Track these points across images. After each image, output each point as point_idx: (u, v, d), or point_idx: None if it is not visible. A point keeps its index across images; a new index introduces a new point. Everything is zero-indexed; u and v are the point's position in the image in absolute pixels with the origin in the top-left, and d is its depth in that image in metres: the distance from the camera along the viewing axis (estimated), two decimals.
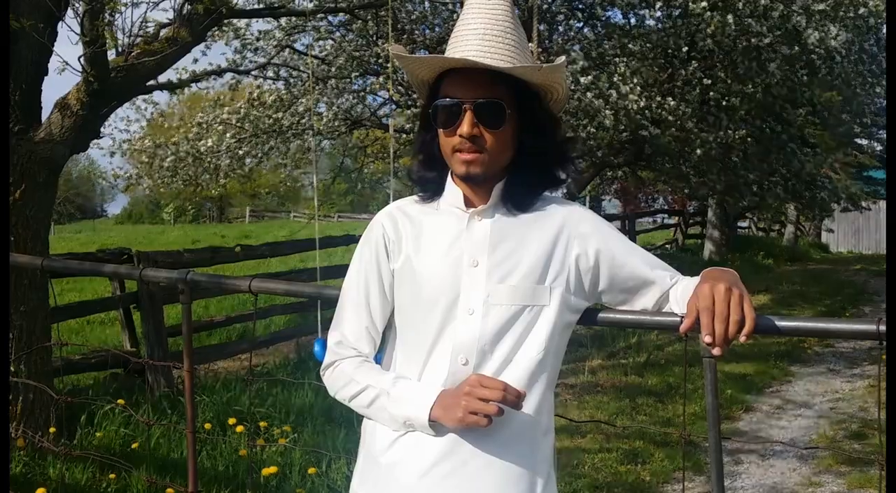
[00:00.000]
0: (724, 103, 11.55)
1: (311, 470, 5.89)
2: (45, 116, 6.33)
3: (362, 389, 2.26)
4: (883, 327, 2.04)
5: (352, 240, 11.40)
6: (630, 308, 2.34)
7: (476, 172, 2.18)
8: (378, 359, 2.38)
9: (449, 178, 2.31)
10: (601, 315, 2.36)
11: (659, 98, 10.64)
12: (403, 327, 2.31)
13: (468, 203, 2.27)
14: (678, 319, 2.17)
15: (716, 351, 1.98)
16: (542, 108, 2.29)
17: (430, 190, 2.35)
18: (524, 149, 2.24)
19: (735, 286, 2.00)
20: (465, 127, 2.14)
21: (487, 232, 2.23)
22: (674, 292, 2.25)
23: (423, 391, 2.15)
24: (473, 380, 2.06)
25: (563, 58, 2.29)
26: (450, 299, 2.19)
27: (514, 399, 2.04)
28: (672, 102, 10.69)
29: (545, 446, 2.26)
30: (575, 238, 2.24)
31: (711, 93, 11.44)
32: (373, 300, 2.34)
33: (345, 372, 2.32)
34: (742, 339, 1.97)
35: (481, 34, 2.17)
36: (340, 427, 6.89)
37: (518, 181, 2.26)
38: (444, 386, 2.15)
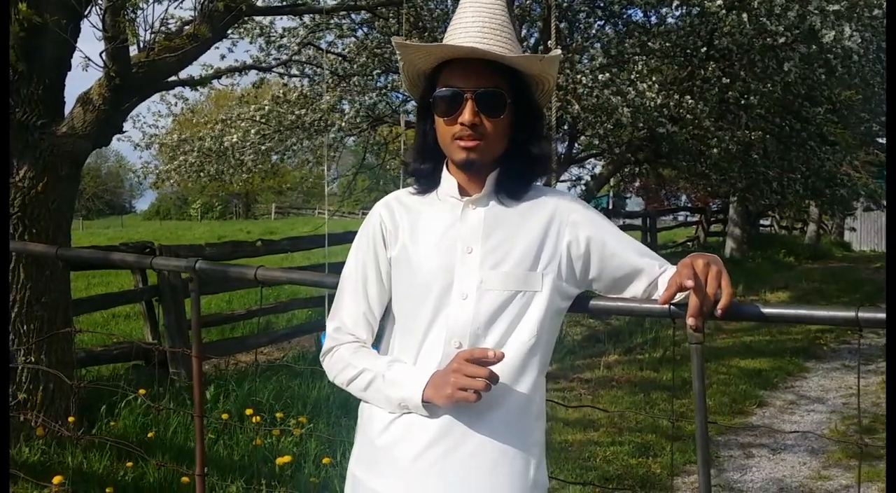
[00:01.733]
0: (742, 102, 11.57)
1: (326, 460, 5.98)
2: (67, 110, 6.44)
3: (359, 372, 2.33)
4: (862, 314, 2.10)
5: None
6: (620, 296, 2.39)
7: (475, 158, 2.24)
8: (376, 347, 2.45)
9: (444, 168, 2.38)
10: (592, 303, 2.41)
11: (677, 96, 10.68)
12: (400, 314, 2.38)
13: (462, 192, 2.34)
14: (666, 306, 2.24)
15: (690, 321, 2.05)
16: (533, 99, 2.37)
17: (426, 181, 2.41)
18: (517, 138, 2.32)
19: (714, 263, 2.08)
20: (466, 115, 2.20)
21: (481, 220, 2.30)
22: (662, 280, 2.29)
23: (416, 374, 2.22)
24: (460, 357, 2.11)
25: (558, 51, 2.38)
26: (444, 285, 2.26)
27: (495, 374, 2.09)
28: (690, 101, 10.73)
29: (537, 429, 2.32)
30: (566, 226, 2.30)
31: (730, 92, 11.46)
32: (370, 288, 2.42)
33: (342, 357, 2.39)
34: (718, 313, 2.04)
35: (480, 26, 2.24)
36: (356, 419, 6.95)
37: (511, 171, 2.33)
38: (439, 369, 2.20)
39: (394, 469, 2.28)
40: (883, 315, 2.07)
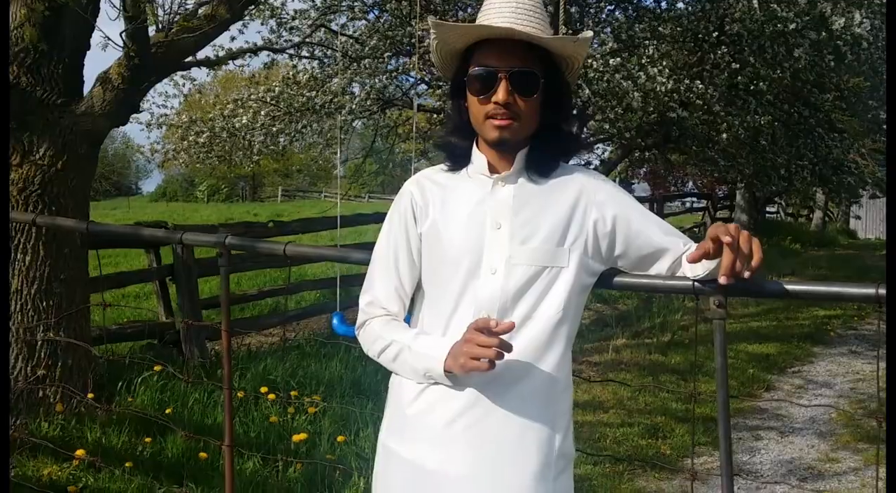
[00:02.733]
0: (752, 87, 11.59)
1: (340, 438, 6.06)
2: (86, 90, 6.50)
3: (388, 344, 2.41)
4: (881, 291, 2.16)
5: (382, 218, 11.42)
6: (645, 273, 2.46)
7: (508, 137, 2.30)
8: (407, 320, 2.52)
9: (474, 145, 2.44)
10: (617, 279, 2.48)
11: (687, 81, 10.70)
12: (430, 287, 2.45)
13: (492, 169, 2.40)
14: (690, 283, 2.31)
15: (722, 280, 2.09)
16: (563, 79, 2.42)
17: (457, 158, 2.47)
18: (548, 116, 2.37)
19: (744, 229, 2.12)
20: (500, 94, 2.25)
21: (510, 197, 2.36)
22: (687, 258, 2.34)
23: (439, 344, 2.29)
24: (472, 328, 2.17)
25: (590, 32, 2.43)
26: (473, 260, 2.32)
27: (507, 343, 2.15)
28: (700, 86, 10.76)
29: (563, 401, 2.38)
30: (593, 204, 2.36)
31: (740, 77, 11.48)
32: (401, 263, 2.48)
33: (374, 330, 2.47)
34: (747, 274, 2.08)
35: (513, 7, 2.29)
36: (368, 399, 7.03)
37: (540, 149, 2.38)
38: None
39: (424, 438, 2.35)
40: None
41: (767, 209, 31.79)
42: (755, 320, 12.66)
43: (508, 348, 2.15)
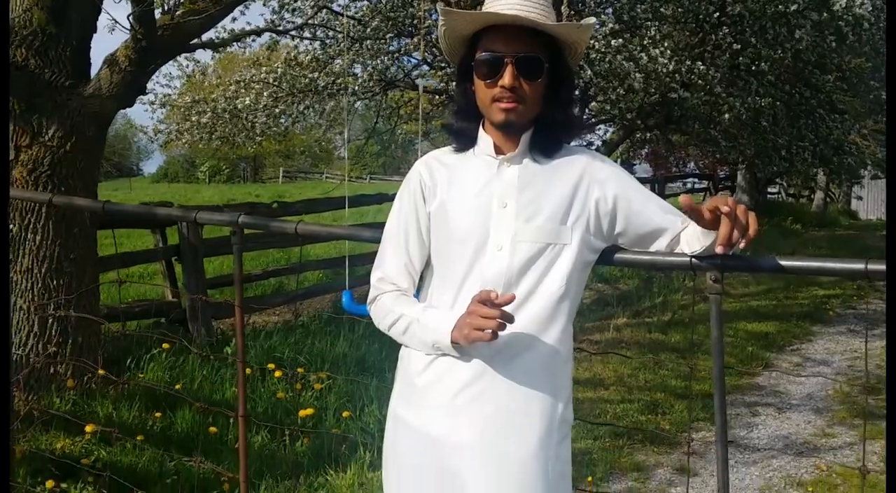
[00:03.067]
0: (753, 68, 11.64)
1: (346, 414, 6.17)
2: (93, 72, 6.57)
3: (398, 318, 2.51)
4: (870, 266, 2.24)
5: (384, 199, 11.60)
6: (645, 250, 2.55)
7: (513, 120, 2.39)
8: (416, 295, 2.62)
9: (481, 127, 2.53)
10: (617, 256, 2.56)
11: (689, 62, 10.76)
12: (438, 264, 2.54)
13: (498, 151, 2.48)
14: (688, 259, 2.40)
15: (719, 249, 2.15)
16: (566, 63, 2.51)
17: (465, 140, 2.56)
18: (551, 99, 2.46)
19: (741, 203, 2.19)
20: (507, 79, 2.34)
21: (516, 177, 2.44)
22: (684, 235, 2.44)
23: (446, 317, 2.38)
24: (476, 300, 2.26)
25: (593, 19, 2.52)
26: (480, 238, 2.41)
27: (508, 314, 2.23)
28: (702, 67, 10.82)
29: (564, 373, 2.48)
30: (595, 183, 2.45)
31: (741, 58, 11.53)
32: (411, 241, 2.57)
33: (385, 304, 2.57)
34: (742, 244, 2.15)
35: None
36: (373, 376, 7.13)
37: (544, 131, 2.47)
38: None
39: (433, 406, 2.45)
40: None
41: (769, 190, 31.85)
42: (755, 299, 12.77)
43: (510, 318, 2.24)
